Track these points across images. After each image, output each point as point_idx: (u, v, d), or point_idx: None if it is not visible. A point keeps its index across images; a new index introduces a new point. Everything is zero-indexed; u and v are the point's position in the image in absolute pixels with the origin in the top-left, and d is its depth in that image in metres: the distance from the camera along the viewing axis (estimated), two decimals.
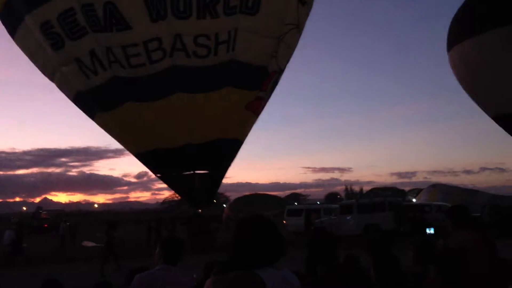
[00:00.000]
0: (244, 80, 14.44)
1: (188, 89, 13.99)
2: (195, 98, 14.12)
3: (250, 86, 14.79)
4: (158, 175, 16.95)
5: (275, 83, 16.12)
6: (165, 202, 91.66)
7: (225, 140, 15.38)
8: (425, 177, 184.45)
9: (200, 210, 20.34)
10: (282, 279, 2.16)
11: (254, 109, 15.69)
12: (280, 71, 15.74)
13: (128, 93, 14.08)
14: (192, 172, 15.80)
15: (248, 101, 15.06)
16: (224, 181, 18.18)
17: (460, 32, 16.57)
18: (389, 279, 3.18)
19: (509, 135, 17.68)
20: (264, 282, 2.06)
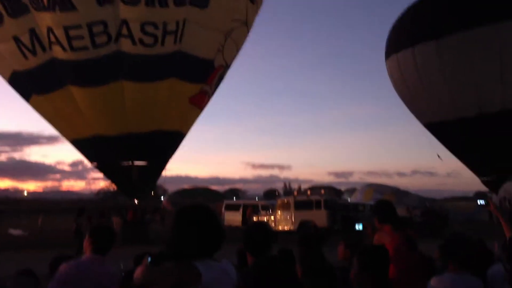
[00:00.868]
0: (190, 72, 14.35)
1: (132, 77, 13.69)
2: (138, 87, 13.86)
3: (195, 79, 14.71)
4: (95, 163, 16.49)
5: (221, 78, 16.10)
6: (100, 192, 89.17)
7: (166, 131, 15.20)
8: (361, 178, 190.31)
9: (136, 201, 20.00)
10: (221, 270, 2.15)
11: (198, 103, 15.61)
12: (226, 67, 15.74)
13: (68, 76, 13.56)
14: (130, 163, 15.51)
15: (192, 94, 14.97)
16: (163, 173, 17.95)
17: (397, 42, 17.30)
18: (316, 273, 3.30)
19: (439, 141, 18.68)
20: (201, 273, 2.04)
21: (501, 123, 15.54)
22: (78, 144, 15.90)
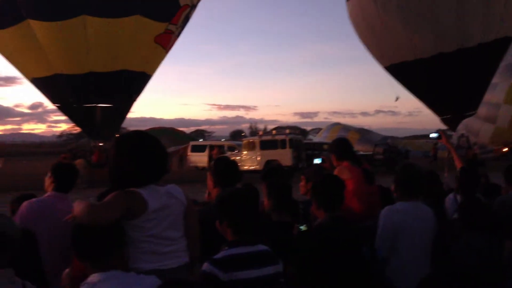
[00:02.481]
0: (155, 10, 13.89)
1: (95, 12, 13.13)
2: (101, 23, 13.35)
3: (160, 17, 14.27)
4: (57, 104, 16.02)
5: (187, 18, 15.67)
6: (62, 135, 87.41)
7: (131, 72, 14.83)
8: (326, 117, 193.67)
9: (100, 144, 19.74)
10: (167, 194, 2.14)
11: (164, 42, 15.23)
12: (192, 6, 15.29)
13: (28, 9, 12.89)
14: (94, 104, 15.16)
15: (157, 33, 14.58)
16: (128, 115, 17.69)
17: None
18: (282, 205, 3.41)
19: (400, 83, 19.04)
20: (146, 200, 2.02)
21: (458, 62, 15.87)
22: (39, 83, 15.32)
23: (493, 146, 29.18)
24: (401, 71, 17.84)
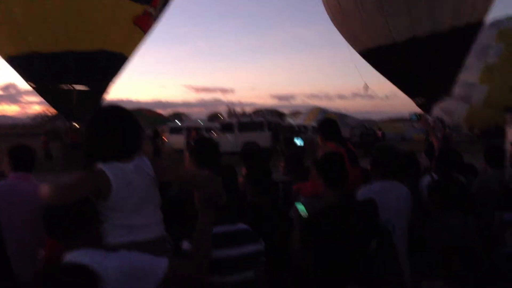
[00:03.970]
0: None
1: None
2: (81, 0, 13.11)
3: None
4: (32, 85, 15.67)
5: (166, 1, 15.51)
6: (37, 116, 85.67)
7: (109, 52, 14.61)
8: (303, 100, 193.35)
9: (76, 125, 19.40)
10: (133, 168, 2.06)
11: (142, 24, 15.05)
12: None
13: None
14: (70, 86, 14.89)
15: (136, 14, 14.40)
16: (104, 96, 17.41)
17: None
18: (261, 187, 3.38)
19: (374, 67, 19.21)
20: (110, 178, 1.97)
21: (432, 46, 16.08)
22: (15, 61, 14.95)
23: (467, 127, 29.71)
24: (376, 56, 18.01)
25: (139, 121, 2.24)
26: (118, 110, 2.15)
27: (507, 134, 5.22)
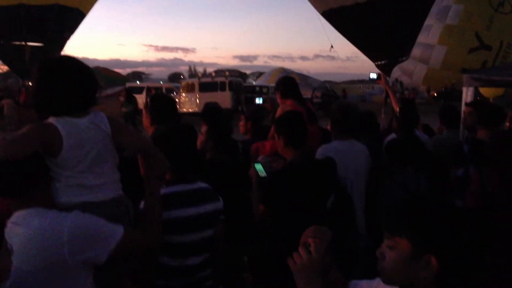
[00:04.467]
0: None
1: None
2: None
3: None
4: None
5: None
6: None
7: (64, 6, 13.98)
8: (265, 61, 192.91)
9: (30, 83, 18.67)
10: (88, 123, 1.96)
11: None
12: None
13: None
14: (24, 42, 14.23)
15: None
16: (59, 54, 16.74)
17: None
18: (221, 144, 3.35)
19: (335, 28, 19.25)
20: (61, 133, 1.87)
21: (391, 8, 16.21)
22: None
23: (425, 89, 30.35)
24: (338, 16, 18.02)
25: (94, 74, 2.13)
26: (71, 60, 2.02)
27: (463, 95, 5.35)
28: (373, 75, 5.10)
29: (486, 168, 3.10)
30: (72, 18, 15.15)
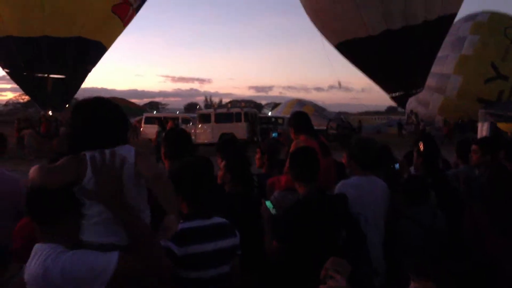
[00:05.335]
0: None
1: None
2: None
3: None
4: (7, 70, 15.29)
5: None
6: (8, 103, 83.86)
7: (86, 40, 14.37)
8: (281, 92, 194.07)
9: (50, 113, 19.03)
10: (115, 153, 1.98)
11: (121, 14, 14.86)
12: None
13: None
14: (46, 74, 14.58)
15: (115, 2, 14.20)
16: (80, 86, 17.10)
17: None
18: (239, 178, 3.37)
19: (349, 61, 19.36)
20: (86, 159, 1.92)
21: (405, 39, 16.29)
22: None
23: (441, 120, 30.15)
24: (350, 49, 18.14)
25: (124, 113, 2.19)
26: (104, 102, 2.09)
27: (478, 130, 5.33)
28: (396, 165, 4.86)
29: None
30: (94, 51, 15.54)
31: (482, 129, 5.27)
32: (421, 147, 4.13)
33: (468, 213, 3.09)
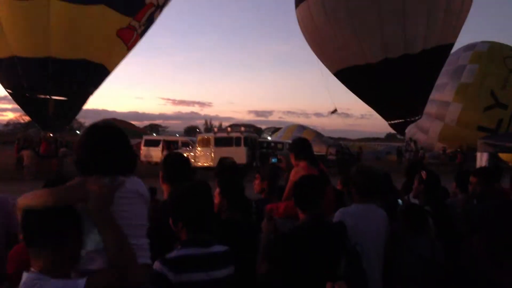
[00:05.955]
0: (120, 2, 13.86)
1: None
2: (66, 7, 13.08)
3: (124, 10, 14.17)
4: (9, 91, 15.37)
5: (151, 19, 15.59)
6: (9, 124, 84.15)
7: (90, 62, 14.50)
8: (280, 117, 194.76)
9: (51, 134, 19.07)
10: (134, 184, 2.08)
11: (125, 38, 15.05)
12: (157, 7, 15.25)
13: None
14: (48, 96, 14.67)
15: (120, 26, 14.43)
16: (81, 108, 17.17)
17: None
18: (235, 204, 3.35)
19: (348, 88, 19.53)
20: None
21: (403, 67, 16.46)
22: None
23: (441, 148, 30.23)
24: (350, 76, 18.30)
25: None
26: (115, 129, 2.17)
27: (478, 160, 5.34)
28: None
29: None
30: (97, 74, 15.63)
31: (482, 159, 5.28)
32: (424, 175, 4.13)
33: (467, 244, 3.08)
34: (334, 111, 22.56)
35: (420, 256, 3.20)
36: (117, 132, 2.17)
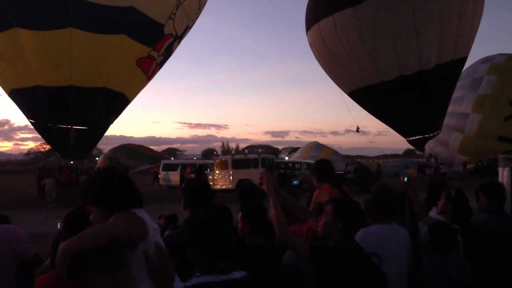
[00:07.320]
0: (140, 32, 14.12)
1: (82, 26, 13.20)
2: (88, 37, 13.37)
3: (144, 40, 14.48)
4: (31, 120, 15.65)
5: (170, 49, 15.85)
6: (30, 153, 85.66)
7: (111, 90, 14.74)
8: (297, 137, 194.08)
9: (71, 162, 19.31)
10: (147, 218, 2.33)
11: (145, 67, 15.31)
12: (176, 37, 15.51)
13: (18, 17, 12.89)
14: (69, 126, 14.91)
15: (140, 56, 14.69)
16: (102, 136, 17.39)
17: (317, 12, 17.46)
18: (258, 228, 3.32)
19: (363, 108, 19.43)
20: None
21: (418, 84, 16.35)
22: (17, 95, 15.01)
23: (461, 163, 29.86)
24: (364, 96, 18.21)
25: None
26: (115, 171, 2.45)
27: (499, 175, 5.23)
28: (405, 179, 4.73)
29: None
30: (118, 102, 15.79)
31: (503, 175, 5.17)
32: (453, 193, 4.07)
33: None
34: (358, 130, 22.50)
35: (447, 276, 3.13)
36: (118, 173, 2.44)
